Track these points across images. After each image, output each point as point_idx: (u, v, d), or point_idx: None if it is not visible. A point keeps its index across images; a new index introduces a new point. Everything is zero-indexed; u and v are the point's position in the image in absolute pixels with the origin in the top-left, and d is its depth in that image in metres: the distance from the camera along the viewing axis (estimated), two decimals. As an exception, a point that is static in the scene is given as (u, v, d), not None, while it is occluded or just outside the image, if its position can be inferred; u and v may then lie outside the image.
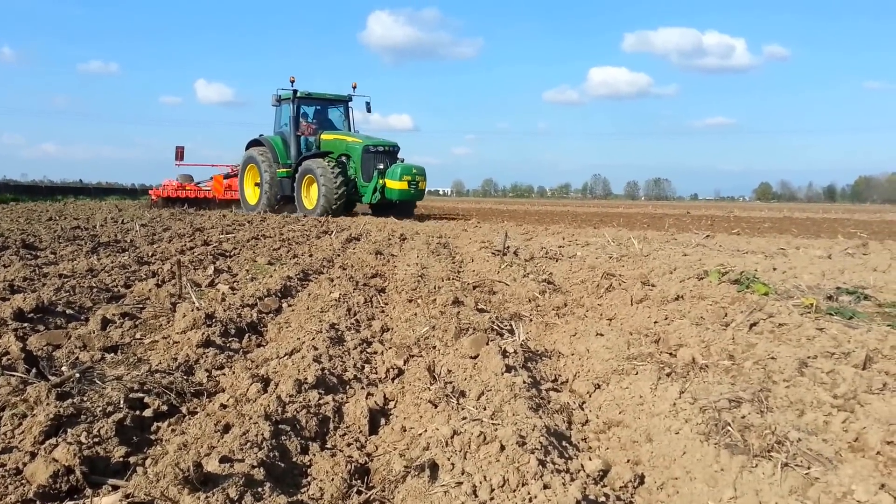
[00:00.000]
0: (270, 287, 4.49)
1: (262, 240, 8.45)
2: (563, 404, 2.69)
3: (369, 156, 16.23)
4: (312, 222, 13.13)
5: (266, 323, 3.75)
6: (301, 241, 8.47)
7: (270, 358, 3.00)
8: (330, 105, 18.30)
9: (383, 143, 16.57)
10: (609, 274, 5.39)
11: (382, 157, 16.34)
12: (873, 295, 4.75)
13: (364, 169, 16.20)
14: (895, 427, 2.21)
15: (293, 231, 10.11)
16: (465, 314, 3.69)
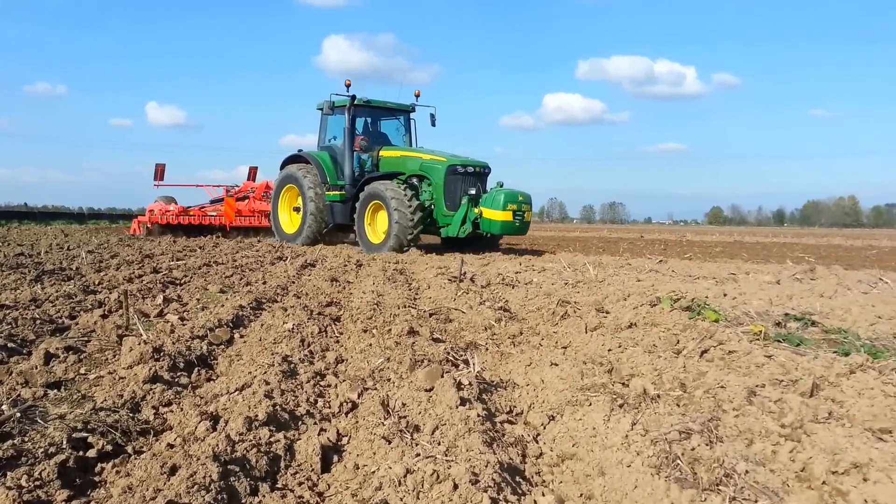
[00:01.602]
0: (222, 317, 4.41)
1: (214, 266, 8.28)
2: (517, 437, 2.68)
3: (456, 178, 12.68)
4: (266, 248, 12.66)
5: (216, 356, 3.67)
6: (254, 268, 8.34)
7: (220, 393, 2.93)
8: (389, 116, 15.08)
9: (474, 163, 13.01)
10: (564, 301, 5.44)
11: (472, 179, 12.86)
12: (820, 321, 4.88)
13: (448, 194, 12.61)
14: (840, 457, 2.27)
15: (246, 257, 9.94)
16: (421, 345, 3.67)
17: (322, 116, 14.93)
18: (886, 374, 3.37)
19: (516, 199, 12.27)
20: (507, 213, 12.10)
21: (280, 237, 15.08)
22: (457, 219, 12.45)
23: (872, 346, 4.03)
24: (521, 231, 12.67)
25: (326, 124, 14.99)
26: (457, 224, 12.46)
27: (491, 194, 12.36)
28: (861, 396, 3.03)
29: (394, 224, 12.27)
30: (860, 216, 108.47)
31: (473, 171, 12.95)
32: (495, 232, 12.51)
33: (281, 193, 15.11)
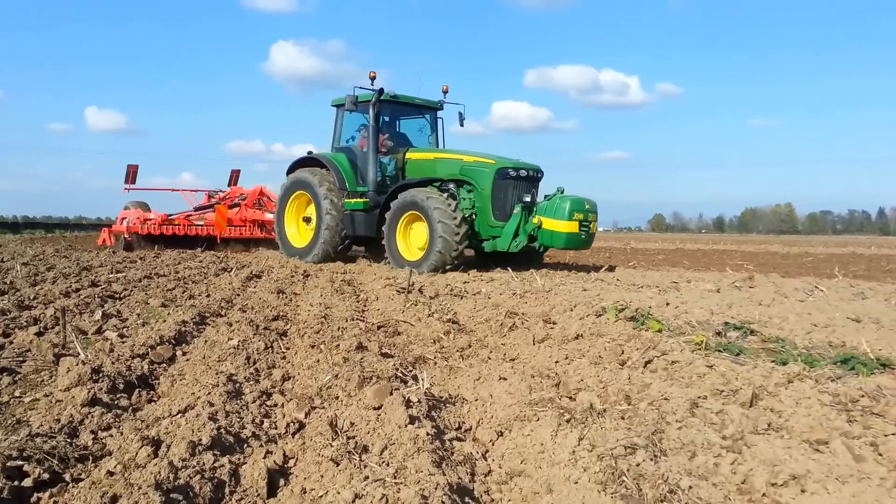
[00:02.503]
0: (164, 333, 4.28)
1: (156, 279, 8.02)
2: (466, 455, 2.68)
3: (506, 183, 10.90)
4: (210, 258, 12.07)
5: (158, 375, 3.56)
6: (198, 280, 8.11)
7: (162, 416, 2.85)
8: (414, 114, 13.18)
9: (527, 167, 11.19)
10: (512, 313, 5.48)
11: (525, 185, 11.10)
12: (759, 330, 5.03)
13: (496, 202, 10.85)
14: (779, 469, 2.34)
15: (189, 268, 9.66)
16: (369, 361, 3.64)
17: (337, 114, 13.13)
18: (822, 382, 3.49)
19: (583, 208, 10.51)
20: (572, 224, 10.33)
21: (287, 252, 13.00)
22: (508, 230, 10.65)
23: (809, 355, 4.17)
24: (586, 245, 10.85)
25: (342, 122, 13.11)
26: (508, 236, 10.63)
27: (553, 202, 10.51)
28: (799, 406, 3.13)
29: (437, 239, 10.40)
30: (796, 223, 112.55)
31: (527, 175, 11.16)
32: (558, 246, 10.68)
33: (288, 202, 13.01)
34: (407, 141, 12.95)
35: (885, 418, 2.96)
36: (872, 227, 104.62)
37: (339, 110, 12.98)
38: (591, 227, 10.67)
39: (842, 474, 2.20)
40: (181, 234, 14.98)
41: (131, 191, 16.57)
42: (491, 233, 10.96)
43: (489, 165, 11.00)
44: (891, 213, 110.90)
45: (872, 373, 3.76)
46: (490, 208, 10.87)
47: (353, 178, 12.31)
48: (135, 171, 16.66)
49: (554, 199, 10.63)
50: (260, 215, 15.63)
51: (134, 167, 16.66)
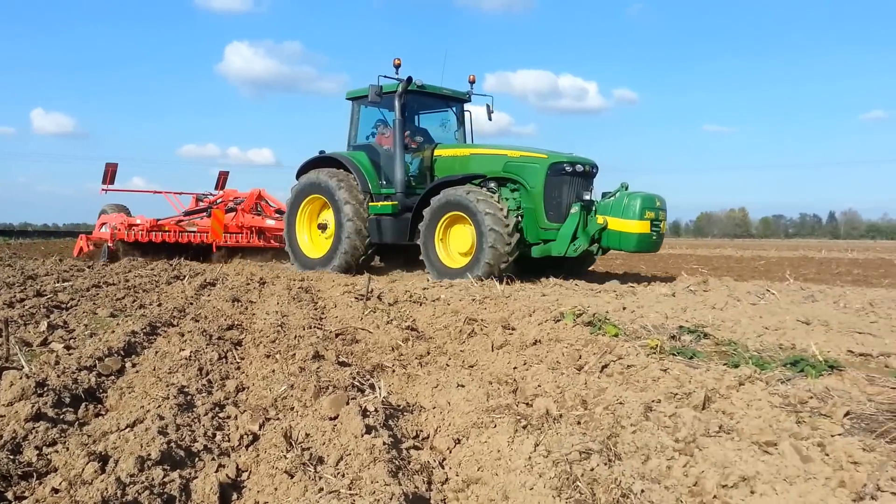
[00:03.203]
0: (112, 344, 4.17)
1: (105, 288, 7.77)
2: (423, 463, 2.66)
3: (561, 180, 9.70)
4: (162, 266, 11.51)
5: (106, 388, 3.46)
6: (149, 289, 7.90)
7: (110, 431, 2.77)
8: (440, 106, 11.96)
9: (583, 161, 10.01)
10: (471, 319, 5.48)
11: (582, 182, 9.94)
12: (712, 333, 5.14)
13: (550, 201, 9.64)
14: (729, 470, 2.37)
15: (140, 276, 9.35)
16: (326, 370, 3.60)
17: (353, 108, 11.86)
18: (773, 384, 3.58)
19: (654, 205, 9.29)
20: (643, 224, 9.08)
21: (300, 264, 11.59)
22: (565, 233, 9.44)
23: (760, 358, 4.27)
24: (656, 247, 9.66)
25: (358, 117, 11.86)
26: (565, 240, 9.42)
27: (619, 199, 9.28)
28: (750, 408, 3.20)
29: (486, 249, 9.18)
30: (749, 227, 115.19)
31: (583, 170, 9.94)
32: (628, 248, 9.33)
33: (300, 208, 11.62)
34: (428, 137, 11.68)
35: (832, 419, 3.04)
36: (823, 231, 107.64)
37: (356, 104, 11.79)
38: (661, 227, 9.49)
39: (789, 475, 2.25)
40: (172, 242, 13.41)
41: (109, 192, 15.12)
42: (543, 236, 9.73)
43: (540, 160, 9.77)
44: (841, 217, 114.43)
45: (821, 374, 3.86)
46: (542, 209, 9.64)
47: (375, 179, 11.11)
48: (114, 170, 15.09)
49: (620, 196, 9.37)
50: (259, 221, 14.24)
51: (113, 166, 15.09)
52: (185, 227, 13.80)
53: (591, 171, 10.20)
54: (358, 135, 11.89)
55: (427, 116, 12.02)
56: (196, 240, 13.67)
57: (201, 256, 13.93)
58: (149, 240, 13.16)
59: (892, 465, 2.29)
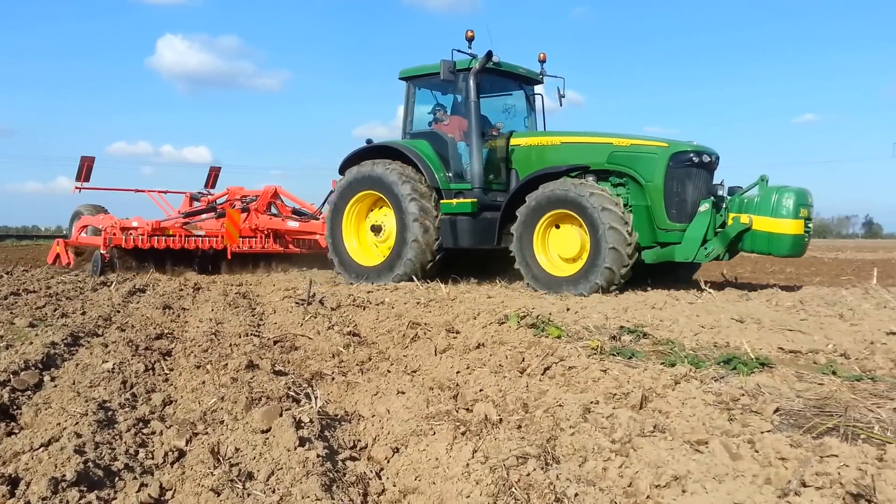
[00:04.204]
0: (29, 357, 3.95)
1: (24, 295, 7.33)
2: (359, 475, 2.60)
3: (685, 172, 8.38)
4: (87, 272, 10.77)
5: (21, 404, 3.27)
6: (73, 296, 7.49)
7: (22, 451, 2.61)
8: (511, 88, 10.42)
9: (708, 151, 8.61)
10: (415, 323, 5.43)
11: (706, 175, 8.65)
12: (651, 333, 5.20)
13: (671, 198, 8.31)
14: (662, 470, 2.38)
15: (63, 283, 8.84)
16: (260, 380, 3.49)
17: (408, 90, 10.22)
18: (707, 383, 3.63)
19: (807, 202, 7.96)
20: (798, 224, 7.79)
21: (348, 274, 9.88)
22: (694, 234, 8.07)
23: (695, 357, 4.34)
24: (804, 250, 8.31)
25: (414, 101, 10.22)
26: (693, 242, 8.05)
27: (766, 195, 7.90)
28: (685, 406, 3.23)
29: (607, 252, 7.81)
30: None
31: (709, 160, 8.57)
32: (779, 253, 8.02)
33: (348, 206, 9.97)
34: (487, 122, 10.06)
35: (762, 416, 3.09)
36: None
37: (411, 85, 10.19)
38: (811, 228, 8.20)
39: (719, 473, 2.27)
40: (177, 248, 11.41)
41: (83, 191, 13.40)
42: (663, 238, 8.33)
43: (660, 150, 8.36)
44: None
45: (752, 372, 3.94)
46: (662, 206, 8.26)
47: (443, 172, 9.54)
48: (89, 165, 13.31)
49: (767, 190, 7.97)
50: (278, 223, 12.47)
51: (89, 160, 13.31)
52: (191, 231, 11.90)
53: (714, 163, 8.75)
54: (414, 121, 10.23)
55: (489, 100, 10.19)
56: (205, 245, 11.71)
57: (210, 265, 12.00)
58: (150, 245, 11.11)
59: (817, 460, 2.33)
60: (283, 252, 12.57)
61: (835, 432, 2.88)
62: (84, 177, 13.33)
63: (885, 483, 2.17)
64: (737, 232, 7.97)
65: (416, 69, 10.06)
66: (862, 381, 3.72)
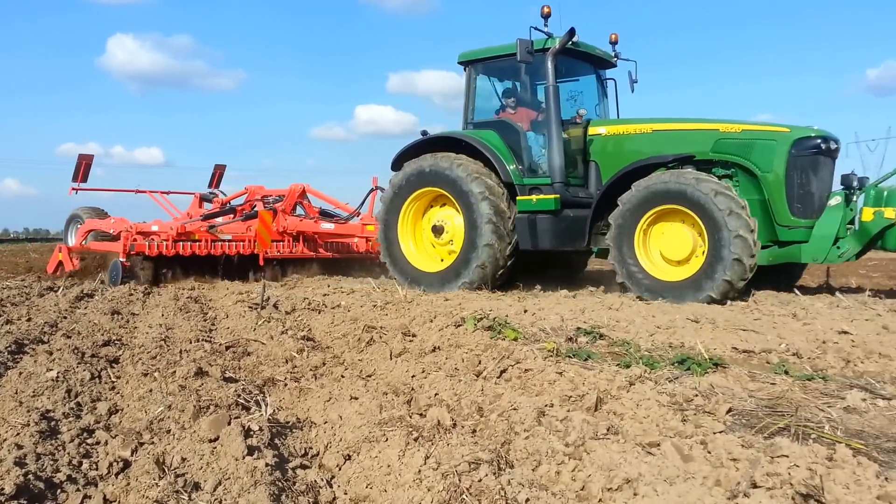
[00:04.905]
0: (-29, 367, 3.81)
1: (-34, 303, 7.08)
2: (309, 483, 2.54)
3: (811, 161, 7.49)
4: (32, 277, 10.38)
5: (-42, 418, 3.14)
6: (17, 302, 7.21)
7: (-42, 465, 2.49)
8: (586, 72, 9.37)
9: (832, 137, 7.68)
10: (370, 326, 5.37)
11: (830, 164, 7.74)
12: (607, 334, 5.22)
13: (793, 190, 7.40)
14: (615, 473, 2.38)
15: (8, 288, 8.49)
16: (209, 387, 3.41)
17: (469, 76, 9.22)
18: (661, 383, 3.66)
19: None
20: None
21: (405, 278, 8.92)
22: (823, 232, 7.22)
23: (650, 358, 4.37)
24: None
25: (475, 87, 9.21)
26: (824, 241, 7.19)
27: None
28: (639, 408, 3.25)
29: (730, 260, 6.88)
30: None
31: (835, 148, 7.69)
32: None
33: (405, 205, 8.97)
34: (523, 114, 9.20)
35: (714, 416, 3.13)
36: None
37: (473, 69, 9.18)
38: None
39: (670, 475, 2.28)
40: (203, 255, 10.23)
41: (80, 192, 12.35)
42: (785, 236, 7.42)
43: (780, 135, 7.44)
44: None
45: (706, 372, 3.99)
46: (783, 200, 7.35)
47: (515, 165, 8.60)
48: (88, 164, 12.23)
49: None
50: (311, 225, 11.38)
51: (87, 158, 12.23)
52: (218, 234, 10.77)
53: (838, 151, 7.82)
54: (475, 109, 9.24)
55: (581, 81, 9.39)
56: (232, 251, 10.57)
57: (236, 273, 10.71)
58: (175, 252, 9.94)
59: (768, 461, 2.35)
60: (314, 257, 11.50)
61: (786, 432, 2.93)
62: (81, 177, 12.34)
63: (833, 483, 2.20)
64: (879, 228, 7.02)
65: (478, 52, 9.10)
66: (813, 381, 3.79)
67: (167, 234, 10.10)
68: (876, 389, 3.53)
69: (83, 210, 12.50)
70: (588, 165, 8.67)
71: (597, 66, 9.36)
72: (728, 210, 6.90)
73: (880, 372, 4.00)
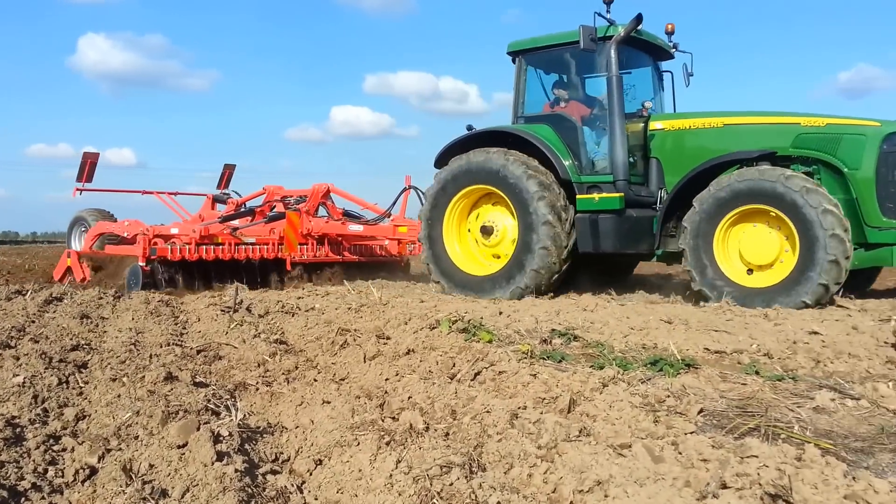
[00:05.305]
0: (-66, 373, 3.71)
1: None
2: (279, 489, 2.51)
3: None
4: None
5: (-80, 426, 3.06)
6: None
7: (-84, 474, 2.43)
8: (644, 63, 8.76)
9: None
10: (344, 329, 5.34)
11: None
12: (581, 335, 5.23)
13: (885, 188, 6.91)
14: (586, 475, 2.38)
15: None
16: (178, 393, 3.36)
17: (519, 66, 8.62)
18: (634, 385, 3.67)
19: None
20: None
21: (450, 283, 8.41)
22: None
23: (623, 359, 4.39)
24: None
25: (525, 79, 8.61)
26: None
27: None
28: (612, 409, 3.26)
29: (825, 263, 6.43)
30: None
31: None
32: None
33: (451, 204, 8.37)
34: (592, 102, 8.53)
35: (686, 417, 3.15)
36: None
37: (523, 60, 8.61)
38: None
39: (640, 477, 2.29)
40: (227, 259, 9.49)
41: (85, 191, 11.56)
42: (875, 238, 6.92)
43: (871, 130, 6.95)
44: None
45: (678, 373, 4.01)
46: (874, 199, 6.84)
47: (575, 160, 8.01)
48: (93, 162, 11.41)
49: None
50: (338, 227, 10.62)
51: (92, 157, 11.41)
52: (242, 237, 10.06)
53: None
54: (525, 103, 8.65)
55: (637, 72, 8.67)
56: (256, 255, 9.85)
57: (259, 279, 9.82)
58: (198, 257, 9.24)
59: (738, 461, 2.37)
60: (341, 261, 10.76)
61: (756, 432, 2.95)
62: (86, 177, 11.55)
63: (801, 483, 2.22)
64: None
65: (530, 41, 8.48)
66: (784, 381, 3.83)
67: (190, 237, 9.35)
68: (845, 389, 3.58)
69: (89, 212, 11.77)
70: (648, 162, 8.08)
71: (655, 56, 8.79)
72: (822, 208, 6.44)
73: (849, 372, 4.06)
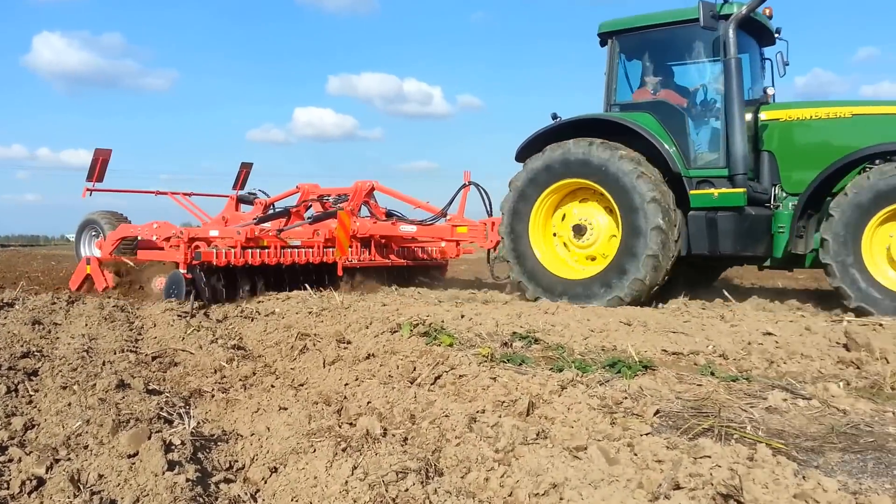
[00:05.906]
0: None
1: None
2: (232, 498, 2.47)
3: None
4: None
5: None
6: None
7: None
8: (750, 47, 7.88)
9: None
10: (304, 334, 5.29)
11: None
12: (542, 338, 5.27)
13: None
14: (542, 478, 2.39)
15: None
16: (130, 400, 3.28)
17: (612, 50, 7.86)
18: (592, 387, 3.70)
19: None
20: None
21: (535, 287, 7.72)
22: None
23: (583, 361, 4.43)
24: None
25: (618, 61, 7.84)
26: None
27: None
28: (570, 412, 3.28)
29: None
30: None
31: None
32: None
33: (539, 199, 7.64)
34: (683, 91, 7.83)
35: (642, 418, 3.18)
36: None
37: (617, 43, 7.85)
38: None
39: (595, 479, 2.30)
40: (273, 264, 8.61)
41: (96, 191, 10.62)
42: None
43: None
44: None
45: (636, 374, 4.06)
46: None
47: (682, 154, 7.29)
48: (105, 160, 10.47)
49: None
50: (389, 228, 9.79)
51: (104, 154, 10.47)
52: (287, 241, 9.14)
53: None
54: (617, 90, 7.89)
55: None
56: (302, 259, 8.97)
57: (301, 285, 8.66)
58: (244, 262, 8.29)
59: (691, 462, 2.40)
60: (389, 265, 10.00)
61: (710, 433, 3.00)
62: (98, 176, 10.56)
63: (752, 483, 2.26)
64: None
65: (626, 20, 7.72)
66: (738, 382, 3.90)
67: (234, 241, 8.35)
68: (797, 390, 3.66)
69: (100, 215, 10.85)
70: (760, 156, 7.34)
71: (760, 41, 8.07)
72: None
73: (801, 372, 4.15)
